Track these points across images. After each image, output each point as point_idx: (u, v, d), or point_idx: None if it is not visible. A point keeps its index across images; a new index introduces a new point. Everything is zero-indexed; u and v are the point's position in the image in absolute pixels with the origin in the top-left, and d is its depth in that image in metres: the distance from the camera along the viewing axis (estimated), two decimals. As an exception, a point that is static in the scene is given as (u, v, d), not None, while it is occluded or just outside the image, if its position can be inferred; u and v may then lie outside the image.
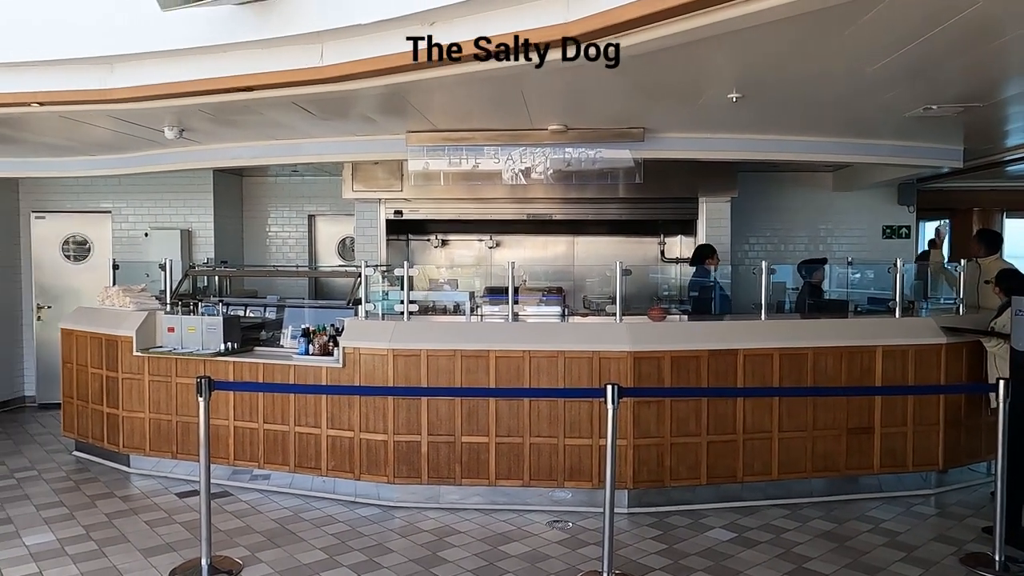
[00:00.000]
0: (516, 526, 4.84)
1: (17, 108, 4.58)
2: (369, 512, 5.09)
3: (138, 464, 5.99)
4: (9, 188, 8.35)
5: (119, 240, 8.40)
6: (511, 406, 5.05)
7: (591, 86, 4.32)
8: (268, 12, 3.56)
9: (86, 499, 5.37)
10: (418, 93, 4.44)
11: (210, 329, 5.65)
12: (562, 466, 5.04)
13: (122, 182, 8.11)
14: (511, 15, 3.19)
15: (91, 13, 4.06)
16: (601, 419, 4.94)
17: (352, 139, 6.07)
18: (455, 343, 5.10)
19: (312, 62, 3.76)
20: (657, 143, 5.81)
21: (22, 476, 5.91)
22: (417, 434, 5.11)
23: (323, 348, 5.39)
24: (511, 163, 5.94)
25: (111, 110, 4.67)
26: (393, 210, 7.54)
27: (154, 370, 5.80)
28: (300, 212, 8.72)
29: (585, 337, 5.10)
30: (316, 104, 4.71)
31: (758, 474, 5.16)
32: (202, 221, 8.23)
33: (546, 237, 8.27)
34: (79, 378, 6.35)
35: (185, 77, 4.08)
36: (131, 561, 4.28)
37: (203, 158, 6.67)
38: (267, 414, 5.44)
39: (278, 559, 4.32)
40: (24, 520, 4.94)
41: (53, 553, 4.40)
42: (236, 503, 5.26)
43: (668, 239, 8.12)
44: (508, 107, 4.87)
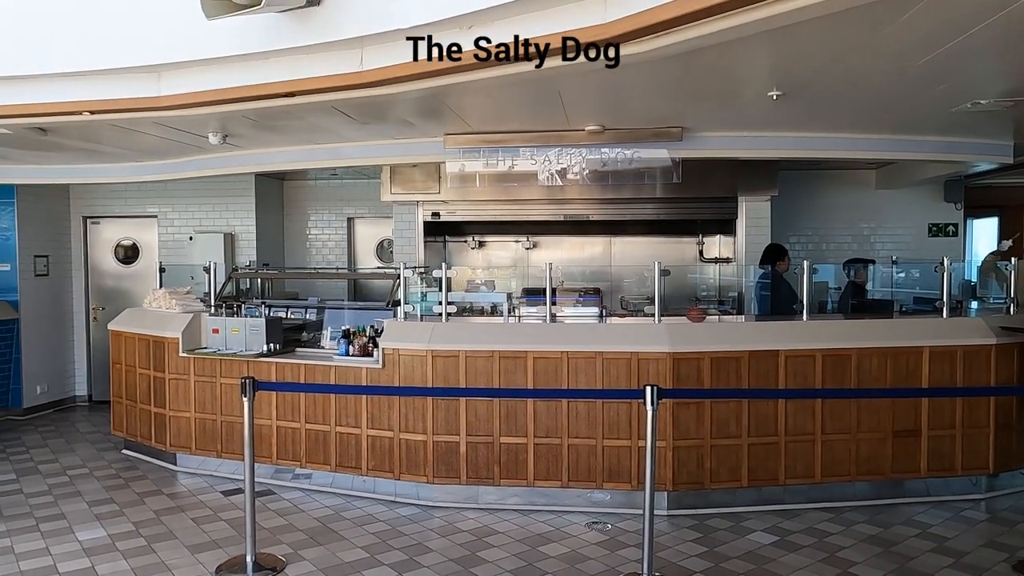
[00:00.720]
0: (555, 527, 4.84)
1: (69, 117, 4.73)
2: (409, 512, 5.14)
3: (184, 462, 6.13)
4: (61, 194, 8.62)
5: (165, 244, 8.61)
6: (549, 407, 5.06)
7: (629, 86, 4.30)
8: (309, 19, 3.62)
9: (135, 496, 5.51)
10: (455, 96, 4.48)
11: (253, 330, 5.76)
12: (601, 467, 5.03)
13: (168, 187, 8.31)
14: (549, 17, 3.19)
15: (140, 24, 4.17)
16: (640, 420, 4.92)
17: (390, 142, 6.14)
18: (493, 344, 5.13)
19: (352, 67, 3.81)
20: (696, 142, 5.76)
21: (74, 473, 6.09)
22: (456, 434, 5.14)
23: (363, 349, 5.46)
24: (547, 164, 5.94)
25: (158, 117, 4.79)
26: (431, 212, 7.60)
27: (199, 371, 5.93)
28: (339, 215, 8.84)
29: (623, 338, 5.08)
30: (356, 108, 4.77)
31: (800, 477, 5.08)
32: (244, 225, 8.39)
33: (583, 238, 8.25)
34: (127, 378, 6.52)
35: (229, 84, 4.17)
36: (178, 557, 4.39)
37: (245, 163, 6.80)
38: (309, 414, 5.53)
39: (320, 557, 4.39)
40: (76, 516, 5.09)
41: (104, 548, 4.53)
42: (279, 501, 5.36)
43: (707, 239, 8.04)
44: (545, 108, 4.88)
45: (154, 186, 8.24)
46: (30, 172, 7.52)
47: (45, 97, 4.60)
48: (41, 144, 6.08)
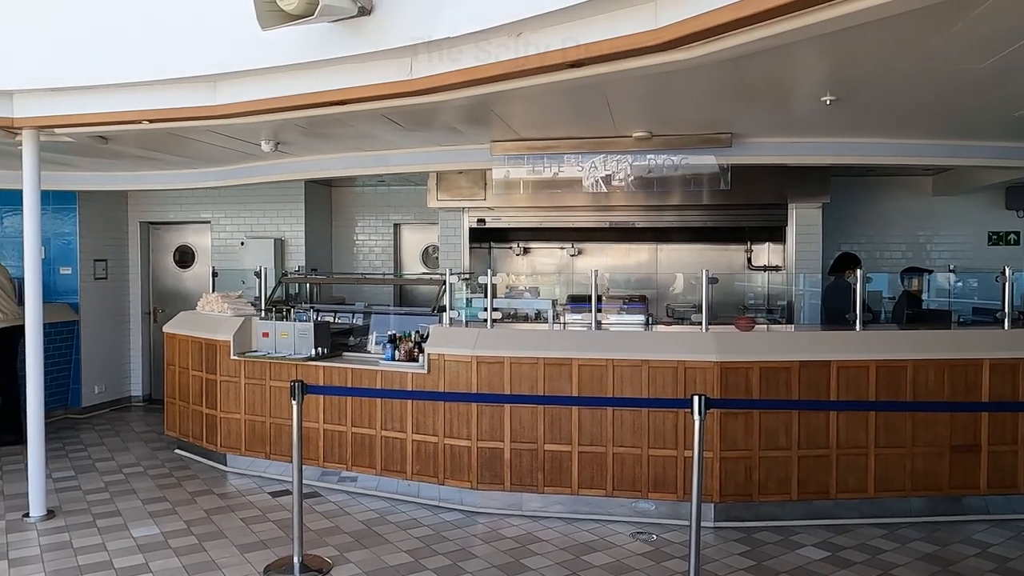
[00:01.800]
0: (599, 536, 4.80)
1: (129, 125, 4.88)
2: (453, 517, 5.15)
3: (234, 463, 6.26)
4: (119, 201, 8.90)
5: (218, 248, 8.82)
6: (594, 415, 5.03)
7: (678, 92, 4.27)
8: (361, 28, 3.68)
9: (187, 495, 5.64)
10: (502, 103, 4.50)
11: (302, 334, 5.86)
12: (646, 477, 4.98)
13: (221, 194, 8.51)
14: (600, 23, 3.18)
15: (197, 35, 4.28)
16: (686, 430, 4.85)
17: (437, 149, 6.19)
18: (538, 351, 5.12)
19: (402, 75, 3.85)
20: (745, 148, 5.68)
21: (129, 472, 6.27)
22: (500, 441, 5.15)
23: (408, 354, 5.51)
24: (593, 171, 5.93)
25: (214, 125, 4.92)
26: (476, 218, 7.63)
27: (249, 373, 6.05)
28: (386, 221, 8.95)
29: (670, 346, 5.02)
30: (404, 116, 4.83)
31: (853, 491, 4.95)
32: (294, 230, 8.55)
33: (628, 245, 8.19)
34: (180, 380, 6.69)
35: (282, 93, 4.26)
36: (228, 556, 4.47)
37: (296, 170, 6.93)
38: (355, 418, 5.59)
39: (365, 560, 4.43)
40: (131, 513, 5.23)
41: (158, 545, 4.65)
42: (325, 504, 5.43)
43: (755, 246, 7.90)
44: (592, 115, 4.87)
45: (208, 192, 8.46)
46: (90, 179, 7.78)
47: (107, 107, 4.76)
48: (102, 152, 6.30)
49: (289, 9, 3.38)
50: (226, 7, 4.12)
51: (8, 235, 8.39)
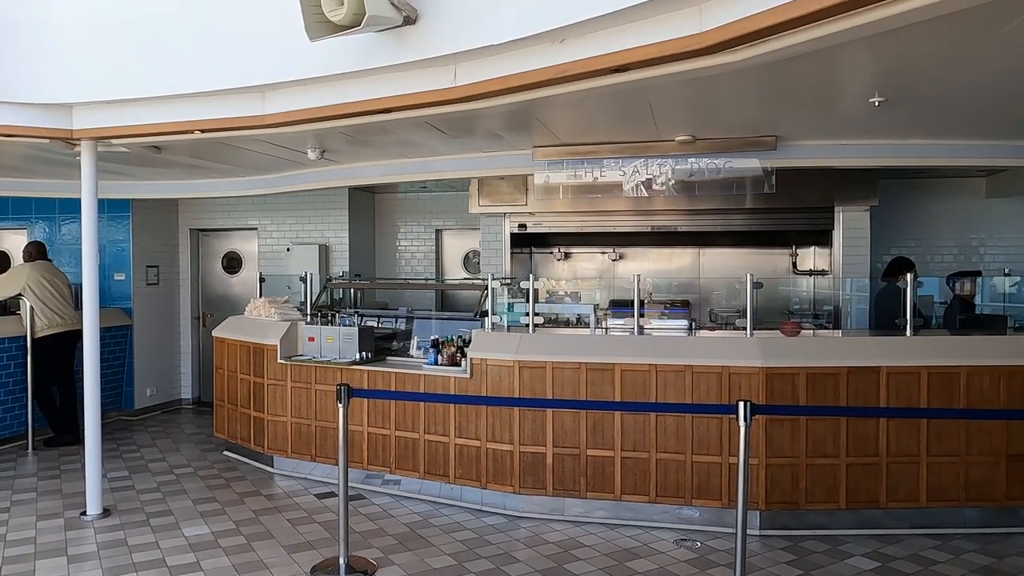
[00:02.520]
0: (642, 542, 4.77)
1: (182, 135, 5.02)
2: (495, 521, 5.17)
3: (280, 465, 6.38)
4: (169, 208, 9.16)
5: (264, 254, 9.01)
6: (637, 420, 5.00)
7: (722, 95, 4.23)
8: (406, 37, 3.74)
9: (235, 496, 5.76)
10: (545, 109, 4.51)
11: (347, 339, 5.95)
12: (690, 483, 4.93)
13: (267, 201, 8.70)
14: (643, 29, 3.18)
15: (246, 47, 4.40)
16: (731, 436, 4.81)
17: (479, 155, 6.24)
18: (580, 356, 5.12)
19: (446, 83, 3.90)
20: (791, 151, 5.60)
21: (180, 472, 6.43)
22: (542, 445, 5.15)
23: (451, 358, 5.55)
24: (636, 175, 5.90)
25: (262, 134, 5.03)
26: (517, 224, 7.66)
27: (296, 377, 6.17)
28: (428, 227, 9.03)
29: (714, 351, 4.98)
30: (447, 123, 4.88)
31: (903, 500, 4.84)
32: (338, 236, 8.69)
33: (670, 249, 8.14)
34: (229, 383, 6.85)
35: (328, 102, 4.34)
36: (276, 556, 4.56)
37: (340, 177, 7.04)
38: (398, 421, 5.65)
39: (410, 562, 4.47)
40: (183, 513, 5.37)
41: (208, 544, 4.76)
42: (369, 506, 5.49)
43: (801, 250, 7.78)
44: (634, 119, 4.86)
45: (255, 200, 8.65)
46: (143, 188, 8.02)
47: (160, 117, 4.91)
48: (154, 161, 6.49)
49: (337, 20, 3.45)
50: (274, 21, 4.22)
51: (66, 242, 8.69)
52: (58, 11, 4.92)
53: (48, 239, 8.62)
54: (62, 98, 4.95)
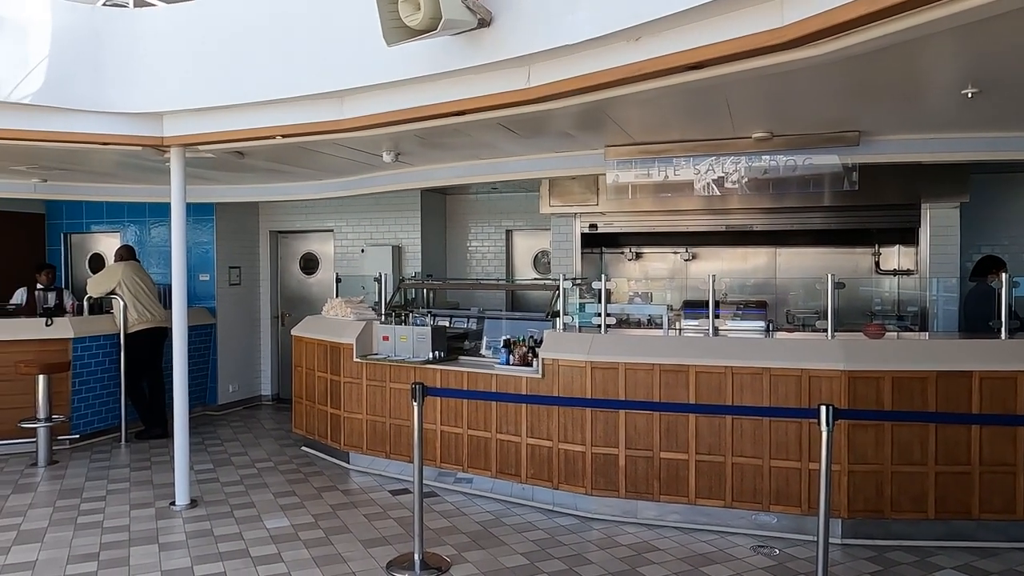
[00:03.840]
0: (717, 548, 4.69)
1: (264, 141, 5.21)
2: (567, 522, 5.16)
3: (356, 461, 6.53)
4: (251, 211, 9.50)
5: (340, 255, 9.24)
6: (712, 423, 4.91)
7: (802, 90, 4.11)
8: (480, 40, 3.77)
9: (313, 491, 5.93)
10: (618, 107, 4.48)
11: (420, 338, 6.04)
12: (767, 488, 4.81)
13: (343, 203, 8.92)
14: (720, 25, 3.12)
15: (325, 55, 4.52)
16: (811, 441, 4.67)
17: (550, 156, 6.24)
18: (653, 357, 5.06)
19: (519, 84, 3.92)
20: (874, 147, 5.39)
21: (261, 466, 6.65)
22: (615, 447, 5.12)
23: (522, 359, 5.57)
24: (710, 173, 5.79)
25: (340, 139, 5.16)
26: (588, 224, 7.63)
27: (371, 375, 6.30)
28: (498, 227, 9.08)
29: (792, 354, 4.84)
30: (520, 124, 4.90)
31: (998, 512, 4.59)
32: (411, 237, 8.83)
33: (745, 249, 7.95)
34: (307, 380, 7.05)
35: (404, 105, 4.42)
36: (353, 551, 4.67)
37: (413, 179, 7.16)
38: (471, 420, 5.71)
39: (483, 560, 4.51)
40: (264, 505, 5.55)
41: (288, 537, 4.91)
42: (442, 504, 5.57)
43: (884, 249, 7.48)
44: (710, 117, 4.77)
45: (331, 202, 8.88)
46: (226, 191, 8.34)
47: (244, 124, 5.10)
48: (237, 166, 6.74)
49: (413, 25, 3.51)
50: (351, 28, 4.33)
51: (155, 244, 9.12)
52: (148, 26, 5.19)
53: (138, 241, 9.08)
54: (153, 107, 5.20)
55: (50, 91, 4.96)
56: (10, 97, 4.83)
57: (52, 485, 6.07)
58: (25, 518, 5.27)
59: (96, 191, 8.21)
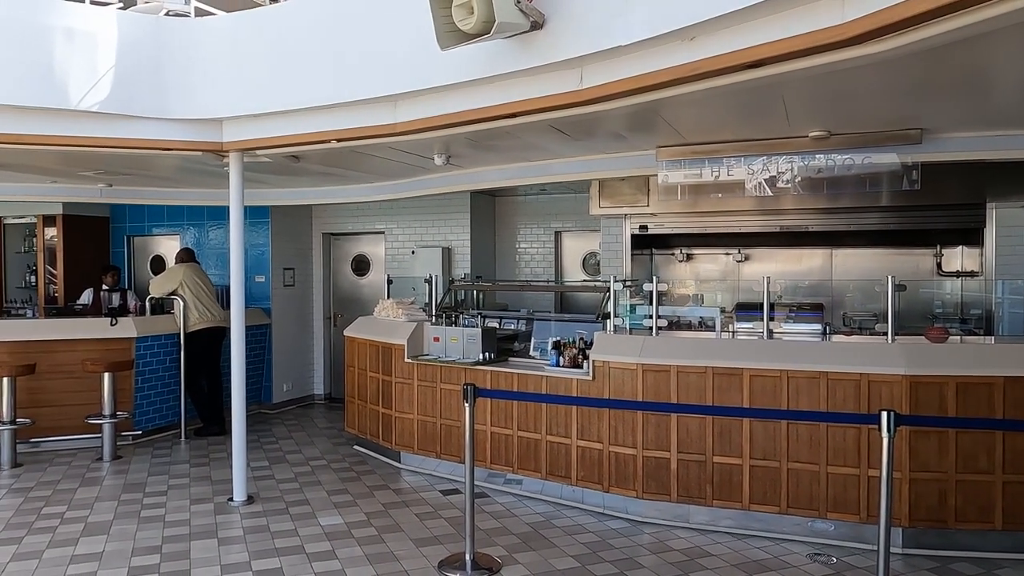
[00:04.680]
0: (772, 555, 4.60)
1: (319, 144, 5.31)
2: (618, 525, 5.13)
3: (407, 461, 6.60)
4: (304, 214, 9.69)
5: (390, 257, 9.36)
6: (767, 428, 4.83)
7: (862, 87, 4.01)
8: (532, 42, 3.78)
9: (366, 489, 6.02)
10: (671, 108, 4.43)
11: (470, 339, 6.08)
12: (824, 495, 4.71)
13: (394, 206, 9.03)
14: (778, 22, 3.07)
15: (379, 60, 4.59)
16: (870, 447, 4.55)
17: (600, 157, 6.21)
18: (706, 360, 5.00)
19: (571, 86, 3.91)
20: (938, 144, 5.22)
21: (315, 464, 6.78)
22: (666, 450, 5.07)
23: (572, 360, 5.55)
24: (765, 173, 5.69)
25: (393, 142, 5.23)
26: (638, 225, 7.57)
27: (422, 376, 6.36)
28: (547, 229, 9.08)
29: (851, 358, 4.73)
30: (571, 125, 4.89)
31: (1071, 524, 4.41)
32: (460, 239, 8.90)
33: (799, 250, 7.78)
34: (359, 380, 7.16)
35: (456, 108, 4.46)
36: (405, 549, 4.72)
37: (463, 181, 7.21)
38: (521, 422, 5.72)
39: (533, 562, 4.51)
40: (318, 503, 5.65)
41: (342, 534, 4.99)
42: (492, 504, 5.59)
43: (946, 250, 7.24)
44: (765, 116, 4.68)
45: (382, 205, 9.00)
46: (281, 195, 8.53)
47: (300, 128, 5.21)
48: (292, 170, 6.88)
49: (467, 29, 3.53)
50: (404, 33, 4.38)
51: (212, 246, 9.37)
52: (208, 34, 5.34)
53: (196, 244, 9.34)
54: (213, 113, 5.35)
55: (116, 99, 5.15)
56: (80, 105, 5.03)
57: (116, 479, 6.29)
58: (92, 511, 5.47)
59: (157, 195, 8.49)
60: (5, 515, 5.37)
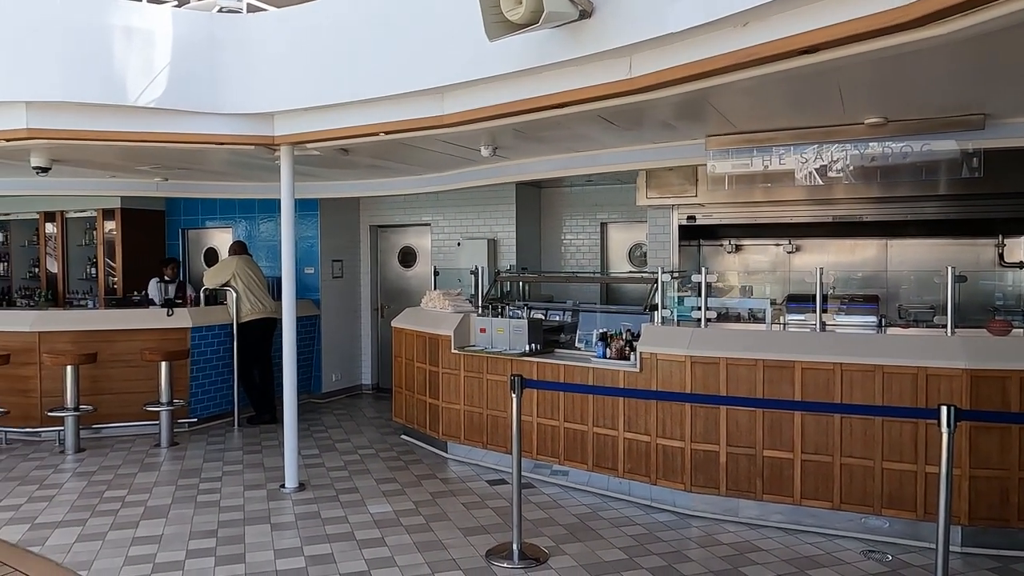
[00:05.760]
0: (825, 551, 4.52)
1: (368, 138, 5.36)
2: (665, 518, 5.10)
3: (453, 450, 6.65)
4: (352, 206, 9.82)
5: (436, 249, 9.42)
6: (819, 421, 4.73)
7: (922, 72, 3.87)
8: (581, 31, 3.75)
9: (413, 478, 6.09)
10: (722, 96, 4.35)
11: (516, 331, 6.09)
12: (879, 491, 4.60)
13: (439, 198, 9.08)
14: (835, 6, 2.98)
15: (427, 52, 4.61)
16: (928, 443, 4.43)
17: (648, 147, 6.14)
18: (757, 352, 4.92)
19: (620, 75, 3.87)
20: (1002, 130, 5.00)
21: (363, 453, 6.88)
22: (715, 443, 5.01)
23: (619, 352, 5.52)
24: (817, 161, 5.55)
25: (441, 134, 5.26)
26: (686, 216, 7.48)
27: (468, 367, 6.40)
28: (593, 220, 9.03)
29: (907, 350, 4.60)
30: (619, 115, 4.85)
31: None
32: (506, 231, 8.90)
33: (853, 240, 7.60)
34: (406, 370, 7.23)
35: (504, 100, 4.45)
36: (453, 538, 4.76)
37: (509, 173, 7.21)
38: (567, 413, 5.71)
39: (581, 553, 4.51)
40: (367, 491, 5.74)
41: (391, 522, 5.06)
42: (539, 495, 5.60)
43: (1009, 240, 6.98)
44: (819, 102, 4.57)
45: (428, 197, 9.06)
46: (329, 188, 8.65)
47: (349, 122, 5.27)
48: (340, 163, 6.98)
49: (515, 19, 3.52)
50: (452, 25, 4.40)
51: (263, 239, 9.57)
52: (259, 30, 5.43)
53: (248, 236, 9.54)
54: (264, 108, 5.45)
55: (171, 95, 5.27)
56: (138, 102, 5.17)
57: (174, 465, 6.48)
58: (151, 495, 5.65)
59: (211, 188, 8.69)
60: (70, 498, 5.59)
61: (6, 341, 7.27)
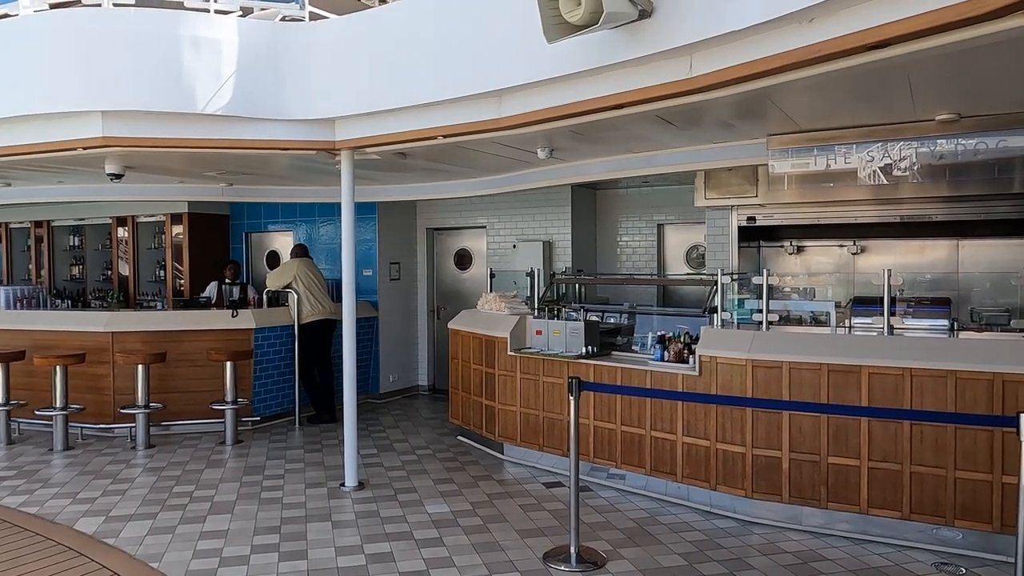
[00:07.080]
0: (893, 562, 4.37)
1: (426, 141, 5.43)
2: (726, 524, 5.01)
3: (509, 452, 6.67)
4: (409, 210, 9.94)
5: (492, 251, 9.46)
6: (887, 428, 4.58)
7: (999, 65, 3.70)
8: (640, 31, 3.72)
9: (470, 479, 6.12)
10: (785, 94, 4.26)
11: (573, 333, 6.07)
12: (951, 501, 4.43)
13: (495, 200, 9.12)
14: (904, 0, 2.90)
15: (484, 55, 4.64)
16: (1005, 452, 4.24)
17: (707, 147, 6.06)
18: (821, 356, 4.79)
19: (680, 75, 3.83)
20: (1084, 125, 4.80)
21: (420, 453, 6.95)
22: (777, 449, 4.90)
23: (678, 355, 5.45)
24: (883, 161, 5.39)
25: (498, 137, 5.29)
26: (746, 217, 7.33)
27: (524, 369, 6.41)
28: (649, 221, 8.94)
29: (984, 355, 4.42)
30: (677, 115, 4.79)
31: None
32: (561, 233, 8.89)
33: (921, 241, 7.32)
34: (463, 372, 7.28)
35: (561, 101, 4.45)
36: (510, 540, 4.77)
37: (565, 175, 7.20)
38: (624, 416, 5.67)
39: (639, 558, 4.47)
40: (425, 491, 5.80)
41: (448, 522, 5.10)
42: (596, 499, 5.57)
43: (1089, 240, 6.65)
44: (887, 99, 4.43)
45: (484, 199, 9.11)
46: (387, 191, 8.79)
47: (407, 126, 5.34)
48: (398, 166, 7.08)
49: (574, 20, 3.52)
50: (509, 27, 4.42)
51: (323, 242, 9.76)
52: (321, 37, 5.55)
53: (308, 239, 9.75)
54: (326, 113, 5.56)
55: (237, 103, 5.43)
56: (205, 109, 5.34)
57: (238, 462, 6.66)
58: (217, 491, 5.82)
59: (273, 193, 8.92)
60: (142, 492, 5.80)
61: (82, 341, 7.59)
